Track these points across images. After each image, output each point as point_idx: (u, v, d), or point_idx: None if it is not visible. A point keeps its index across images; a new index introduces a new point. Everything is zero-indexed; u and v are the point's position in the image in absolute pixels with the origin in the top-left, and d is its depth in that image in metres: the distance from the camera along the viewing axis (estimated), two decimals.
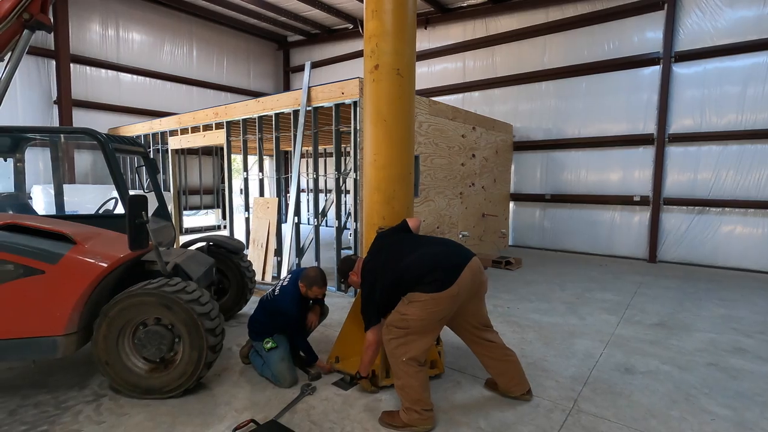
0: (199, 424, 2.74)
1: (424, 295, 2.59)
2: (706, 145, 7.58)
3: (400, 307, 2.69)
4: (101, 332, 2.95)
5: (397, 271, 2.72)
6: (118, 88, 11.07)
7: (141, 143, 4.40)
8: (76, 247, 2.94)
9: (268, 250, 6.48)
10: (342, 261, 3.26)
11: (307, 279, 3.37)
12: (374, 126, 3.35)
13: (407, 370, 2.64)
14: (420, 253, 2.75)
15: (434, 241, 2.96)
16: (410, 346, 2.65)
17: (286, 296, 3.39)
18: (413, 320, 2.61)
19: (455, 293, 2.59)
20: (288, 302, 3.35)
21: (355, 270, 3.09)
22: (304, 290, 3.36)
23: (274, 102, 6.36)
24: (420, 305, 2.59)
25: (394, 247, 2.89)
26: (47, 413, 2.87)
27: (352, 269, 3.13)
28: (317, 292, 3.40)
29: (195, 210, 13.10)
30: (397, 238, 3.00)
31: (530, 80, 9.46)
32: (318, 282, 3.38)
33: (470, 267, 2.67)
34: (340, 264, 3.26)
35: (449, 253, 2.77)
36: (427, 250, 2.78)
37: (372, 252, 3.02)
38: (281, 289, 3.44)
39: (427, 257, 2.73)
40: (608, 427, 2.73)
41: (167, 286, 2.98)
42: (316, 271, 3.44)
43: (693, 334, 4.38)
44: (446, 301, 2.60)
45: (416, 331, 2.64)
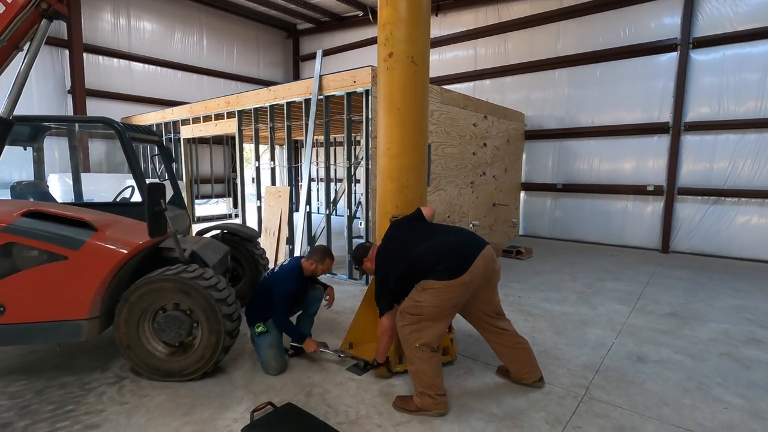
0: (218, 406, 2.83)
1: (437, 282, 2.61)
2: (724, 133, 7.44)
3: (413, 294, 2.72)
4: (122, 317, 3.03)
5: (410, 259, 2.74)
6: (131, 78, 11.15)
7: (156, 132, 4.45)
8: (97, 234, 3.01)
9: (280, 239, 6.54)
10: (356, 248, 3.29)
11: (318, 253, 3.44)
12: (387, 115, 3.35)
13: (420, 356, 2.68)
14: (434, 241, 2.77)
15: (448, 230, 2.97)
16: (423, 333, 2.68)
17: (284, 271, 3.43)
18: (426, 307, 2.64)
19: (468, 281, 2.62)
20: (286, 275, 3.38)
21: (370, 257, 3.13)
22: (313, 266, 3.41)
23: (286, 91, 6.36)
24: (433, 292, 2.62)
25: (408, 235, 2.91)
26: (72, 394, 2.97)
27: (366, 256, 3.16)
28: (329, 264, 3.48)
29: (206, 199, 13.24)
30: (411, 226, 3.02)
31: (543, 68, 9.32)
32: (329, 254, 3.47)
33: (483, 255, 2.69)
34: (355, 251, 3.30)
35: (463, 242, 2.78)
36: (440, 239, 2.80)
37: (386, 239, 3.04)
38: (280, 267, 3.52)
39: (441, 245, 2.75)
40: (620, 414, 2.75)
41: (185, 272, 3.05)
42: (324, 247, 3.54)
43: (706, 324, 4.36)
44: (459, 288, 2.62)
45: (429, 317, 2.67)
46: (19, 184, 4.08)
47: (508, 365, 3.07)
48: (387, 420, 2.68)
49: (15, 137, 4.03)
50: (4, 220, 2.86)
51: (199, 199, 12.68)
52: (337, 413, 2.74)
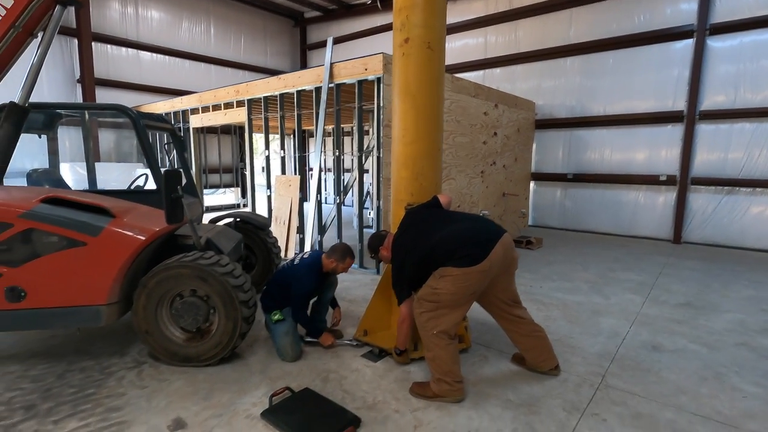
0: (236, 391, 2.86)
1: (455, 269, 2.60)
2: (739, 122, 7.31)
3: (431, 281, 2.71)
4: (140, 303, 3.06)
5: (428, 246, 2.74)
6: (139, 67, 11.14)
7: (169, 120, 4.45)
8: (115, 221, 3.02)
9: (290, 228, 6.56)
10: (372, 236, 3.29)
11: (339, 252, 3.42)
12: (402, 101, 3.32)
13: (438, 343, 2.69)
14: (452, 229, 2.76)
15: (465, 217, 2.96)
16: (441, 320, 2.68)
17: (303, 266, 3.42)
18: (444, 294, 2.64)
19: (486, 268, 2.60)
20: (306, 272, 3.38)
21: (386, 245, 3.12)
22: (334, 264, 3.40)
23: (296, 79, 6.32)
24: (451, 279, 2.62)
25: (425, 223, 2.90)
26: (92, 378, 3.02)
27: (382, 245, 3.16)
28: (350, 263, 3.45)
29: (214, 189, 13.29)
30: (428, 213, 3.00)
31: (554, 56, 9.19)
32: (350, 253, 3.45)
33: (502, 243, 2.67)
34: (371, 240, 3.29)
35: (481, 229, 2.77)
36: (458, 226, 2.78)
37: (402, 227, 3.03)
38: (301, 260, 3.50)
39: (459, 232, 2.73)
40: (637, 402, 2.75)
41: (202, 259, 3.07)
42: (345, 245, 3.49)
43: (721, 314, 4.33)
44: (477, 275, 2.61)
45: (447, 304, 2.67)
46: (35, 172, 4.11)
47: (524, 353, 3.07)
48: (404, 405, 2.70)
49: (30, 125, 4.04)
50: (23, 206, 2.88)
51: (208, 189, 12.74)
52: (354, 398, 2.76)
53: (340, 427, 2.42)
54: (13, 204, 2.88)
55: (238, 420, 2.54)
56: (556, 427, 2.49)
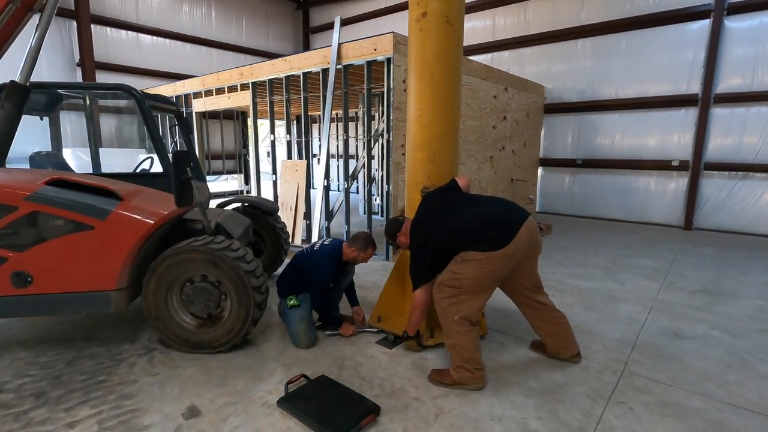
0: (251, 378, 2.79)
1: (478, 254, 2.50)
2: (756, 106, 7.13)
3: (452, 266, 2.62)
4: (150, 288, 2.98)
5: (449, 230, 2.63)
6: (139, 50, 10.93)
7: (174, 102, 4.32)
8: (122, 204, 2.92)
9: (297, 214, 6.46)
10: (390, 222, 3.17)
11: (361, 241, 3.32)
12: (420, 79, 3.18)
13: (459, 329, 2.60)
14: (474, 212, 2.65)
15: (488, 200, 2.84)
16: (462, 306, 2.60)
17: (324, 254, 3.33)
18: (466, 279, 2.55)
19: (511, 252, 2.50)
20: (326, 260, 3.29)
21: (403, 231, 3.02)
22: (355, 253, 3.30)
23: (302, 60, 6.15)
24: (474, 264, 2.52)
25: (445, 207, 2.79)
26: (103, 364, 2.95)
27: (400, 230, 3.05)
28: (371, 253, 3.36)
29: (217, 175, 13.16)
30: (448, 197, 2.89)
31: (565, 38, 8.96)
32: (372, 243, 3.35)
33: (527, 226, 2.57)
34: (388, 225, 3.18)
35: (505, 212, 2.66)
36: (481, 209, 2.67)
37: (420, 212, 2.92)
38: (321, 247, 3.40)
39: (482, 215, 2.62)
40: (663, 389, 2.67)
41: (213, 243, 2.97)
42: (367, 234, 3.40)
43: (740, 300, 4.24)
44: (501, 260, 2.52)
45: (469, 290, 2.58)
46: (38, 155, 4.00)
47: (545, 340, 2.99)
48: (424, 393, 2.62)
49: (31, 106, 3.92)
50: (28, 188, 2.78)
51: (210, 175, 12.61)
52: (371, 386, 2.69)
53: (360, 415, 2.34)
54: (17, 186, 2.78)
55: (254, 408, 2.47)
56: (581, 415, 2.42)
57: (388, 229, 3.16)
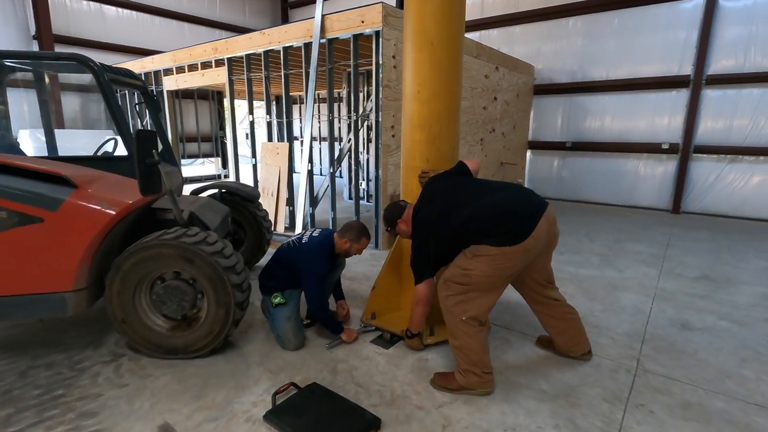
0: (233, 387, 2.48)
1: (492, 248, 2.23)
2: (747, 87, 7.03)
3: (461, 261, 2.35)
4: (115, 288, 2.62)
5: (459, 220, 2.35)
6: (103, 23, 10.12)
7: (139, 77, 3.85)
8: (77, 192, 2.52)
9: (279, 200, 6.08)
10: (388, 208, 2.85)
11: (354, 231, 2.96)
12: (418, 50, 2.84)
13: (467, 330, 2.35)
14: (488, 200, 2.36)
15: (502, 187, 2.54)
16: (471, 304, 2.34)
17: (314, 247, 2.93)
18: (477, 276, 2.28)
19: (530, 247, 2.24)
20: (317, 253, 2.89)
21: (405, 218, 2.71)
22: (348, 245, 2.95)
23: (283, 34, 5.68)
24: (487, 260, 2.25)
25: (454, 192, 2.50)
26: (62, 375, 2.59)
27: (401, 217, 2.73)
28: (365, 244, 3.01)
29: (192, 159, 12.53)
30: (456, 182, 2.59)
31: (556, 15, 8.66)
32: (366, 232, 2.99)
33: (546, 217, 2.30)
34: (387, 211, 2.83)
35: (522, 201, 2.37)
36: (496, 197, 2.38)
37: (424, 198, 2.62)
38: (310, 239, 3.01)
39: (498, 204, 2.34)
40: (682, 389, 2.50)
41: (186, 236, 2.61)
42: (360, 223, 3.04)
43: (740, 287, 4.14)
44: (518, 255, 2.25)
45: (479, 288, 2.31)
46: None
47: (555, 337, 2.77)
48: (427, 400, 2.38)
49: None
50: None
51: (185, 159, 11.98)
52: (369, 393, 2.43)
53: (359, 430, 2.08)
54: None
55: (238, 424, 2.18)
56: (601, 421, 2.21)
57: (387, 215, 2.82)
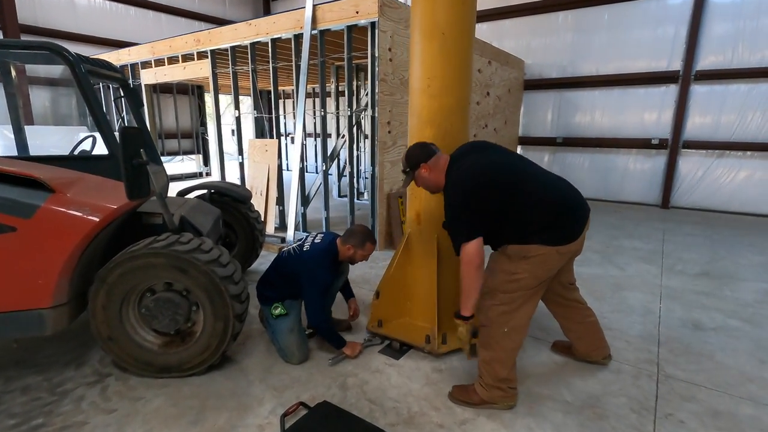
0: (235, 407, 2.27)
1: (544, 247, 2.01)
2: (735, 83, 7.11)
3: (505, 265, 2.10)
4: (99, 302, 2.36)
5: (522, 199, 2.02)
6: (74, 13, 9.56)
7: (119, 69, 3.55)
8: (54, 197, 2.25)
9: (268, 199, 5.82)
10: (415, 146, 2.36)
11: (357, 236, 2.73)
12: (429, 41, 2.66)
13: (506, 344, 2.16)
14: (547, 182, 2.08)
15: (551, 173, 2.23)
16: (515, 314, 2.15)
17: (316, 255, 2.67)
18: (526, 279, 2.07)
19: (578, 247, 2.09)
20: (319, 261, 2.65)
21: (432, 165, 2.24)
22: (352, 251, 2.73)
23: (270, 25, 5.40)
24: (539, 260, 2.03)
25: (506, 154, 2.20)
26: (40, 400, 2.33)
27: (426, 161, 2.25)
28: (370, 250, 2.78)
29: (172, 156, 12.05)
30: (500, 148, 2.28)
31: (546, 10, 8.60)
32: (370, 237, 2.77)
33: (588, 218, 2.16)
34: (411, 149, 2.35)
35: (578, 196, 2.12)
36: (554, 182, 2.11)
37: (465, 151, 2.23)
38: (312, 246, 2.77)
39: (558, 192, 2.08)
40: (707, 395, 2.41)
41: (179, 244, 2.38)
42: (364, 227, 2.81)
43: (742, 283, 4.13)
44: (567, 256, 2.09)
45: (526, 293, 2.12)
46: None
47: (576, 342, 2.65)
48: (447, 417, 2.22)
49: None
50: None
51: (165, 156, 11.51)
52: (384, 411, 2.25)
53: None
54: None
55: None
56: None
57: (411, 153, 2.32)
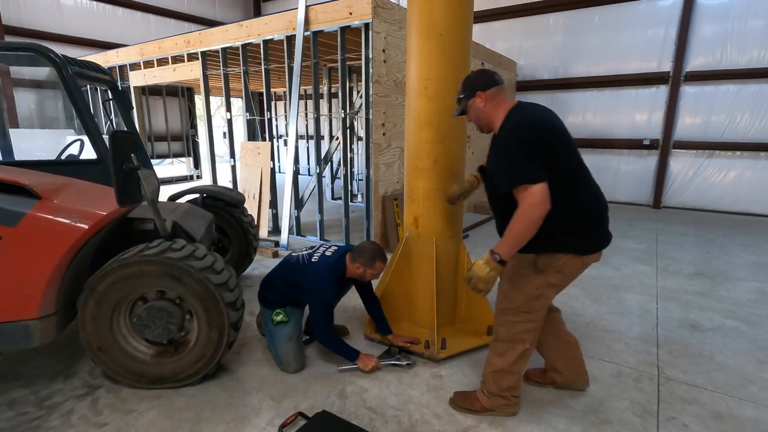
0: (231, 419, 2.20)
1: (574, 258, 1.92)
2: (724, 84, 7.19)
3: (533, 280, 1.97)
4: (89, 312, 2.28)
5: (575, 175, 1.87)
6: (60, 15, 9.38)
7: (107, 71, 3.46)
8: (41, 203, 2.17)
9: (261, 202, 5.74)
10: (476, 71, 2.11)
11: (366, 254, 2.56)
12: (426, 41, 2.63)
13: (523, 356, 2.09)
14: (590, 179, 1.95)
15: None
16: (538, 329, 2.11)
17: (322, 270, 2.54)
18: (553, 291, 2.00)
19: (595, 260, 2.01)
20: (326, 278, 2.52)
21: (490, 96, 1.97)
22: (361, 270, 2.56)
23: (262, 26, 5.33)
24: (567, 272, 1.95)
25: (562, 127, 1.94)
26: (27, 415, 2.24)
27: (485, 90, 1.98)
28: (380, 268, 2.60)
29: (162, 159, 11.88)
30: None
31: (537, 11, 8.63)
32: (381, 255, 2.59)
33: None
34: (471, 73, 2.12)
35: (605, 199, 1.99)
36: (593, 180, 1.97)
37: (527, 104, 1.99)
38: (321, 258, 2.62)
39: (598, 192, 1.96)
40: (709, 397, 2.40)
41: (171, 250, 2.31)
42: (374, 244, 2.64)
43: (737, 283, 4.16)
44: (585, 268, 2.01)
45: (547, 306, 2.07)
46: None
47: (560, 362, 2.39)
48: (450, 425, 2.17)
49: None
50: None
51: (155, 159, 11.34)
52: (385, 420, 2.20)
53: None
54: None
55: None
56: None
57: (470, 78, 2.09)
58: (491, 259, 1.85)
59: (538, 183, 1.75)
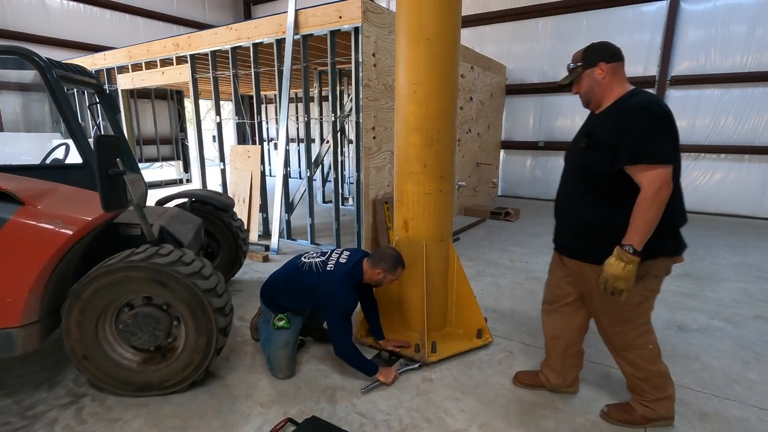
0: (220, 426, 2.18)
1: (667, 260, 1.92)
2: (708, 88, 7.32)
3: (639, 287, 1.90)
4: (73, 319, 2.25)
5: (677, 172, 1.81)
6: (46, 17, 9.26)
7: (93, 73, 3.42)
8: (24, 209, 2.14)
9: (251, 206, 5.71)
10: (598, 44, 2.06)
11: (388, 260, 2.54)
12: (414, 46, 2.63)
13: (656, 354, 2.09)
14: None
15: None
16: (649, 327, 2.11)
17: (338, 278, 2.47)
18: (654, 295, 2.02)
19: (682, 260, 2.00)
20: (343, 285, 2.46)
21: (615, 74, 1.94)
22: (381, 275, 2.53)
23: (252, 29, 5.31)
24: (665, 274, 1.96)
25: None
26: (10, 425, 2.19)
27: (609, 61, 1.94)
28: (400, 274, 2.61)
29: (150, 162, 11.75)
30: None
31: (526, 16, 8.72)
32: (401, 261, 2.59)
33: None
34: (599, 43, 2.06)
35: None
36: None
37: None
38: (336, 266, 2.55)
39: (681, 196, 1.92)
40: (695, 397, 2.43)
41: (158, 256, 2.28)
42: (394, 251, 2.63)
43: (722, 284, 4.22)
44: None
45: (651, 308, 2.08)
46: None
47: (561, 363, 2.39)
48: (439, 429, 2.17)
49: None
50: None
51: (143, 162, 11.21)
52: (375, 424, 2.20)
53: None
54: None
55: None
56: None
57: (595, 46, 2.02)
58: (624, 252, 1.75)
59: (669, 166, 1.71)
